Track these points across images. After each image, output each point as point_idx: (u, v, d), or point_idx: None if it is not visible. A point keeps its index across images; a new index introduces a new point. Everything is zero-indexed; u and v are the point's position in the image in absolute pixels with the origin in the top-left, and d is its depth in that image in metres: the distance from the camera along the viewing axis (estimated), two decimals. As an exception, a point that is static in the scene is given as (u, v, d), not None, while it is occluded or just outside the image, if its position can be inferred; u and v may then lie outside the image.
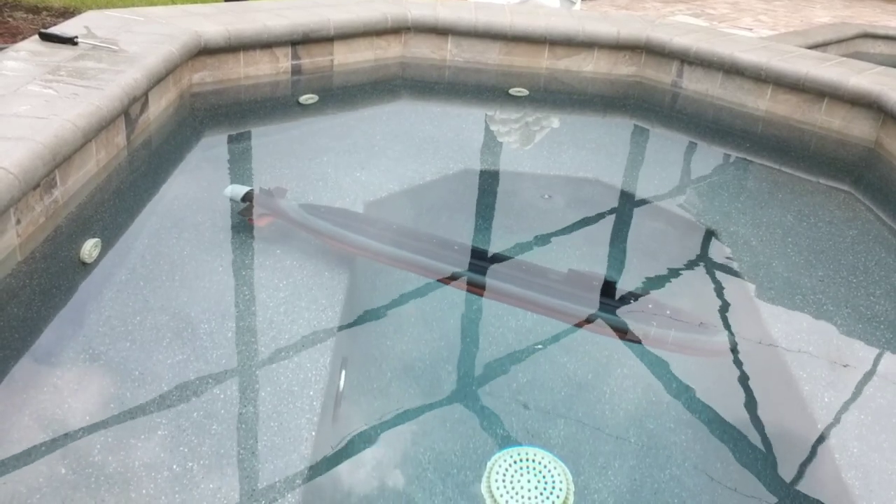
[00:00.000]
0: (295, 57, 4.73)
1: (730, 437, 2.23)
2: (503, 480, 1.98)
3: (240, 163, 3.76)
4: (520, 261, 3.05)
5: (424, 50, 5.28)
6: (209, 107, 4.24)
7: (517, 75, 5.23)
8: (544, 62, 5.33)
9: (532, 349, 2.52)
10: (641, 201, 3.70)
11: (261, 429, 2.07)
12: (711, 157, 4.39)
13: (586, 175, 3.92)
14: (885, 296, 2.96)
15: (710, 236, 3.38)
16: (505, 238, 3.24)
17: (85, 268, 2.69)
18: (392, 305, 2.71)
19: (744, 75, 4.86)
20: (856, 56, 6.57)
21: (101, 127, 3.17)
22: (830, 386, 2.45)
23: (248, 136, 4.06)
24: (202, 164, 3.65)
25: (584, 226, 3.44)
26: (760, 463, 2.16)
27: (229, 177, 3.57)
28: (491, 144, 4.30)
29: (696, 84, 5.12)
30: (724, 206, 3.68)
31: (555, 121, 4.74)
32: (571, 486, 1.98)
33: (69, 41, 3.79)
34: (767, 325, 2.75)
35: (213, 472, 1.92)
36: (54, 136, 2.81)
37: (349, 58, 5.00)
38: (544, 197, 3.70)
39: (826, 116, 4.65)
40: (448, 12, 5.19)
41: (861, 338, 2.71)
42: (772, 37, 7.46)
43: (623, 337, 2.64)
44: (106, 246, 2.81)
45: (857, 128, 4.54)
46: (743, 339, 2.69)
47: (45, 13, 7.04)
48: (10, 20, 6.72)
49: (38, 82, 3.26)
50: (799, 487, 2.10)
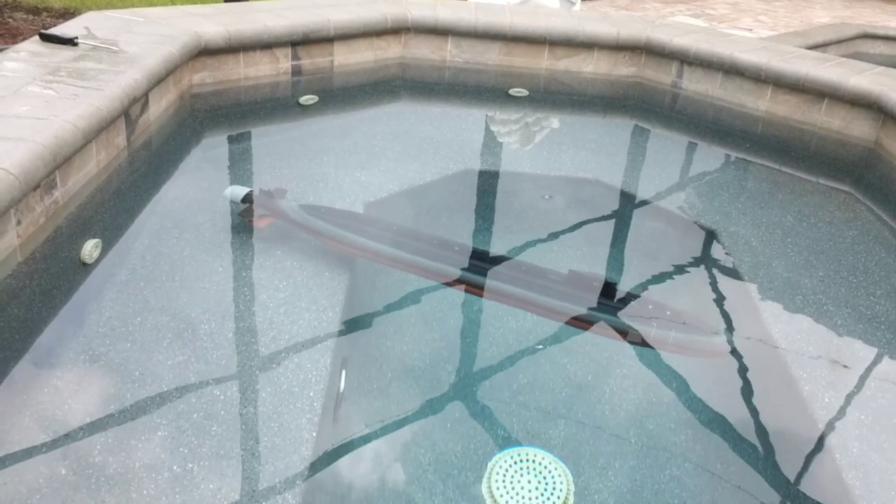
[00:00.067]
0: (295, 57, 4.73)
1: (730, 438, 2.23)
2: (503, 481, 1.98)
3: (240, 163, 3.76)
4: (520, 262, 3.05)
5: (424, 50, 5.28)
6: (209, 107, 4.24)
7: (517, 76, 5.23)
8: (544, 63, 5.33)
9: (532, 350, 2.52)
10: (642, 202, 3.70)
11: (261, 430, 2.07)
12: (711, 158, 4.39)
13: (586, 175, 3.92)
14: (885, 296, 2.96)
15: (711, 237, 3.38)
16: (505, 238, 3.24)
17: (85, 268, 2.69)
18: (392, 306, 2.71)
19: (744, 76, 4.86)
20: (856, 56, 6.57)
21: (102, 128, 3.17)
22: (831, 386, 2.45)
23: (248, 136, 4.06)
24: (202, 164, 3.65)
25: (584, 226, 3.44)
26: (761, 463, 2.16)
27: (229, 177, 3.57)
28: (491, 145, 4.30)
29: (696, 84, 5.13)
30: (724, 206, 3.68)
31: (555, 121, 4.74)
32: (572, 487, 1.98)
33: (69, 42, 3.79)
34: (768, 325, 2.75)
35: (213, 473, 1.92)
36: (54, 136, 2.81)
37: (349, 58, 5.00)
38: (544, 197, 3.70)
39: (826, 117, 4.65)
40: (448, 13, 5.19)
41: (861, 338, 2.71)
42: (772, 37, 7.47)
43: (623, 338, 2.64)
44: (106, 246, 2.81)
45: (857, 128, 4.54)
46: (743, 340, 2.69)
47: (45, 14, 7.04)
48: (10, 21, 6.72)
49: (38, 83, 3.26)
50: (799, 488, 2.10)
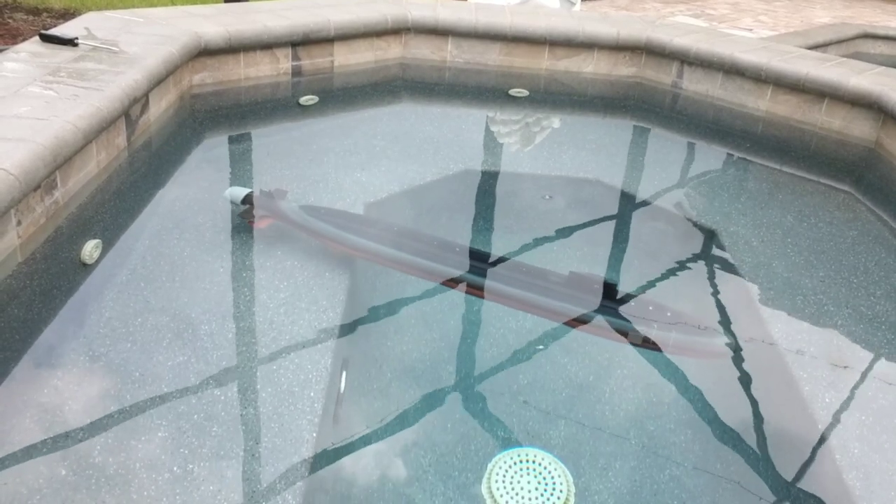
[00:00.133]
0: (295, 58, 4.73)
1: (730, 438, 2.23)
2: (504, 481, 1.98)
3: (240, 164, 3.76)
4: (520, 263, 3.05)
5: (424, 51, 5.28)
6: (209, 108, 4.24)
7: (517, 76, 5.23)
8: (544, 63, 5.33)
9: (532, 350, 2.52)
10: (642, 202, 3.70)
11: (261, 430, 2.07)
12: (712, 158, 4.39)
13: (587, 176, 3.92)
14: (885, 296, 2.96)
15: (711, 237, 3.38)
16: (505, 239, 3.24)
17: (85, 269, 2.69)
18: (392, 306, 2.71)
19: (744, 76, 4.86)
20: (856, 56, 6.57)
21: (102, 128, 3.17)
22: (831, 386, 2.45)
23: (249, 137, 4.06)
24: (202, 165, 3.65)
25: (584, 227, 3.43)
26: (761, 464, 2.16)
27: (229, 178, 3.57)
28: (491, 145, 4.30)
29: (696, 85, 5.12)
30: (724, 206, 3.68)
31: (555, 121, 4.74)
32: (572, 488, 1.98)
33: (69, 42, 3.79)
34: (768, 325, 2.75)
35: (213, 474, 1.92)
36: (55, 137, 2.81)
37: (349, 59, 5.00)
38: (545, 198, 3.70)
39: (826, 117, 4.65)
40: (448, 13, 5.19)
41: (862, 338, 2.71)
42: (772, 37, 7.46)
43: (623, 339, 2.64)
44: (106, 247, 2.81)
45: (858, 128, 4.54)
46: (743, 340, 2.69)
47: (45, 14, 7.04)
48: (10, 21, 6.72)
49: (38, 84, 3.26)
50: (799, 488, 2.10)
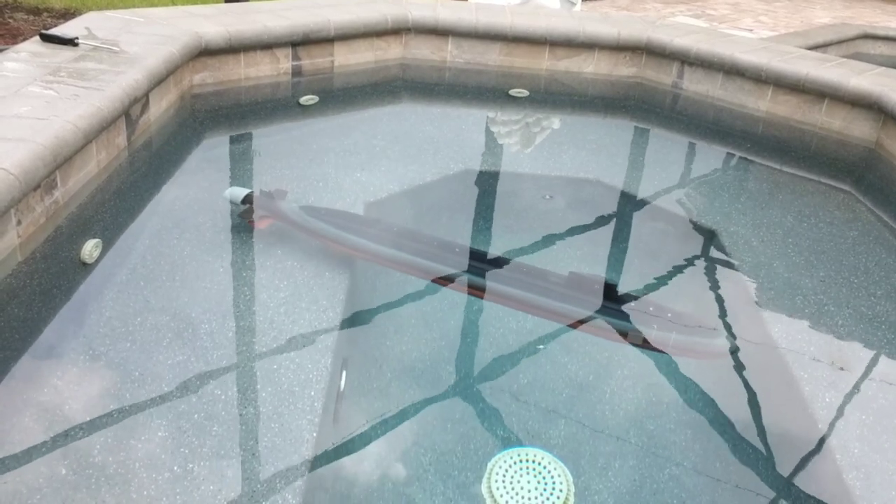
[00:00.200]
0: (295, 58, 4.73)
1: (730, 438, 2.23)
2: (504, 481, 1.98)
3: (240, 164, 3.76)
4: (520, 263, 3.05)
5: (425, 51, 5.28)
6: (210, 108, 4.24)
7: (517, 76, 5.23)
8: (545, 63, 5.33)
9: (532, 350, 2.52)
10: (642, 202, 3.70)
11: (261, 430, 2.07)
12: (712, 158, 4.39)
13: (587, 176, 3.92)
14: (885, 296, 2.96)
15: (711, 237, 3.38)
16: (505, 239, 3.24)
17: (85, 268, 2.69)
18: (392, 306, 2.71)
19: (744, 76, 4.86)
20: (856, 57, 6.57)
21: (102, 128, 3.17)
22: (831, 387, 2.45)
23: (249, 137, 4.06)
24: (203, 164, 3.65)
25: (584, 227, 3.43)
26: (761, 464, 2.16)
27: (229, 177, 3.57)
28: (491, 145, 4.30)
29: (696, 85, 5.12)
30: (724, 206, 3.68)
31: (555, 122, 4.74)
32: (572, 487, 1.98)
33: (70, 42, 3.79)
34: (768, 326, 2.75)
35: (213, 474, 1.91)
36: (55, 137, 2.81)
37: (349, 59, 5.00)
38: (545, 198, 3.70)
39: (826, 117, 4.65)
40: (448, 13, 5.19)
41: (862, 339, 2.71)
42: (772, 38, 7.47)
43: (623, 339, 2.64)
44: (106, 246, 2.81)
45: (858, 128, 4.54)
46: (744, 341, 2.69)
47: (45, 14, 7.05)
48: (10, 21, 6.72)
49: (38, 83, 3.26)
50: (799, 488, 2.10)
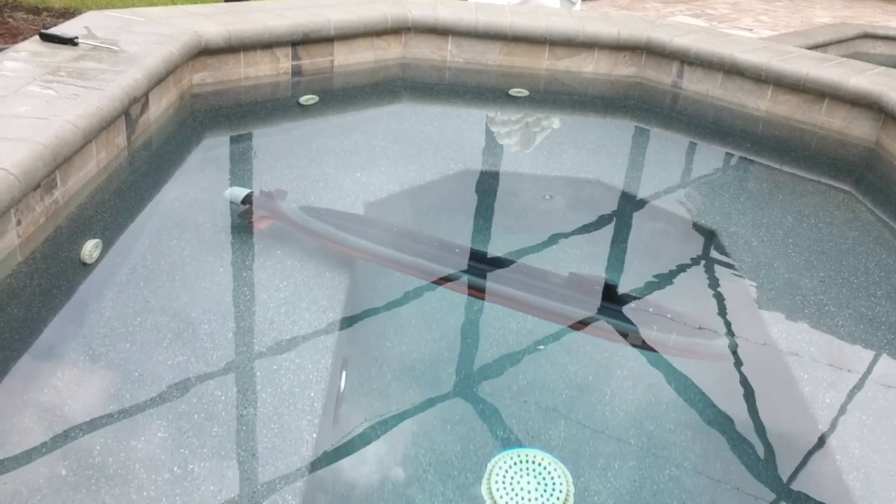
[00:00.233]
0: (295, 57, 4.73)
1: (730, 439, 2.23)
2: (503, 482, 1.98)
3: (240, 163, 3.76)
4: (520, 264, 3.05)
5: (424, 50, 5.28)
6: (209, 107, 4.24)
7: (517, 76, 5.23)
8: (544, 63, 5.32)
9: (532, 351, 2.52)
10: (642, 202, 3.70)
11: (261, 430, 2.07)
12: (712, 158, 4.39)
13: (587, 176, 3.92)
14: (885, 297, 2.96)
15: (711, 237, 3.38)
16: (505, 239, 3.24)
17: (85, 268, 2.69)
18: (392, 307, 2.71)
19: (744, 76, 4.86)
20: (856, 56, 6.57)
21: (102, 128, 3.17)
22: (831, 387, 2.45)
23: (249, 136, 4.06)
24: (202, 164, 3.65)
25: (584, 227, 3.43)
26: (761, 464, 2.16)
27: (229, 177, 3.56)
28: (491, 145, 4.30)
29: (696, 84, 5.12)
30: (724, 206, 3.68)
31: (555, 121, 4.74)
32: (571, 488, 1.98)
33: (69, 42, 3.79)
34: (768, 326, 2.75)
35: (213, 474, 1.91)
36: (55, 136, 2.81)
37: (349, 58, 5.00)
38: (545, 198, 3.70)
39: (826, 117, 4.65)
40: (448, 13, 5.18)
41: (862, 339, 2.71)
42: (772, 37, 7.46)
43: (623, 340, 2.64)
44: (106, 246, 2.81)
45: (858, 128, 4.54)
46: (744, 341, 2.69)
47: (45, 14, 7.04)
48: (10, 21, 6.72)
49: (38, 83, 3.26)
50: (800, 489, 2.10)
